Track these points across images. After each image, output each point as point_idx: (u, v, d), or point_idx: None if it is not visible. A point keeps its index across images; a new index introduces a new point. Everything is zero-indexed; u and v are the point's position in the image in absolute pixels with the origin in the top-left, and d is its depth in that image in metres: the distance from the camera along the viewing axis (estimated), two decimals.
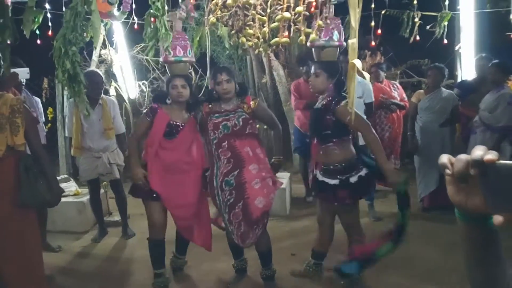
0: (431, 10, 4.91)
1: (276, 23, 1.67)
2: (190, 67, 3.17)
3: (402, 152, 4.87)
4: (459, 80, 5.04)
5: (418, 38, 4.90)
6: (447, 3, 4.70)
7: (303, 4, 1.72)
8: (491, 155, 0.59)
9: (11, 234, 2.38)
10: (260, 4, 1.75)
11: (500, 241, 0.70)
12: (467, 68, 4.83)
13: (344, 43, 2.71)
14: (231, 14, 1.75)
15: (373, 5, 4.55)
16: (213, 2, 1.87)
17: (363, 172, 2.63)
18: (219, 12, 1.78)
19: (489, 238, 0.70)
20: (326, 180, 2.67)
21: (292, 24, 1.72)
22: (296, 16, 1.68)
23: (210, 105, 2.80)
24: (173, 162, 2.84)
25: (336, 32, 2.66)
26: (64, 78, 2.38)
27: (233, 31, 1.75)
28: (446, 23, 4.80)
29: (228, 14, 1.76)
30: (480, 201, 0.62)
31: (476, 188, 0.63)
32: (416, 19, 4.85)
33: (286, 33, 2.00)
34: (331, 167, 2.65)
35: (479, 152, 0.61)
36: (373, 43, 4.99)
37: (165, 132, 2.84)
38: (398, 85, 4.88)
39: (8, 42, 2.36)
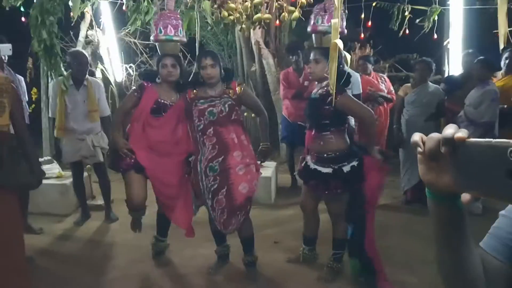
0: (421, 4, 4.92)
1: None
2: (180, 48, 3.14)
3: (387, 145, 4.92)
4: (446, 75, 5.09)
5: (407, 31, 4.92)
6: None
7: None
8: (462, 133, 0.59)
9: None
10: None
11: (468, 221, 0.71)
12: (455, 64, 4.88)
13: (345, 30, 2.71)
14: None
15: None
16: None
17: (355, 162, 2.65)
18: None
19: (458, 217, 0.71)
20: (319, 168, 2.69)
21: (275, 0, 1.70)
22: None
23: (195, 90, 2.77)
24: (159, 141, 2.83)
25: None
26: (40, 48, 2.30)
27: (215, 5, 1.73)
28: (435, 17, 4.82)
29: None
30: (450, 179, 0.63)
31: (446, 166, 0.63)
32: (406, 13, 4.86)
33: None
34: (325, 155, 2.66)
35: (450, 130, 0.61)
36: (362, 35, 4.99)
37: (152, 109, 2.82)
38: (385, 78, 4.91)
39: None
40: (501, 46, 1.88)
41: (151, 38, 2.96)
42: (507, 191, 0.53)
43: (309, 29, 2.75)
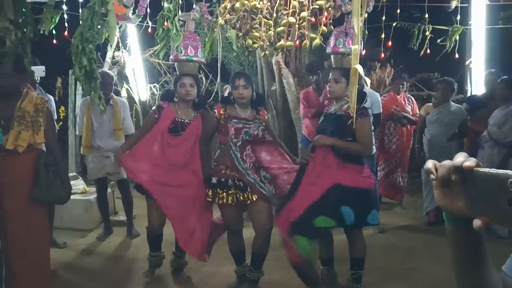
0: (442, 24, 4.92)
1: (281, 27, 1.72)
2: (200, 70, 3.25)
3: (410, 166, 4.86)
4: (468, 94, 5.03)
5: (428, 51, 4.91)
6: (458, 17, 4.72)
7: (308, 10, 1.76)
8: (470, 162, 0.62)
9: (24, 227, 2.43)
10: (267, 9, 1.80)
11: (486, 243, 0.72)
12: (477, 83, 4.82)
13: (363, 52, 2.78)
14: (239, 17, 1.81)
15: (383, 17, 4.57)
16: (222, 5, 1.93)
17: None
18: (228, 15, 1.83)
19: (475, 240, 0.72)
20: None
21: (297, 29, 1.76)
22: (301, 21, 1.73)
23: (225, 107, 2.84)
24: (177, 161, 2.88)
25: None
26: (81, 74, 2.46)
27: (240, 34, 1.81)
28: (457, 37, 4.80)
29: (236, 17, 1.82)
30: (463, 205, 0.66)
31: (458, 192, 0.66)
32: (427, 33, 4.87)
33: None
34: None
35: (460, 158, 0.64)
36: (382, 54, 5.01)
37: (170, 128, 2.89)
38: (413, 99, 4.89)
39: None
40: None
41: (171, 57, 3.06)
42: (509, 217, 0.57)
43: (329, 50, 2.81)
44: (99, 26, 2.45)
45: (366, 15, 2.44)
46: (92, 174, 3.99)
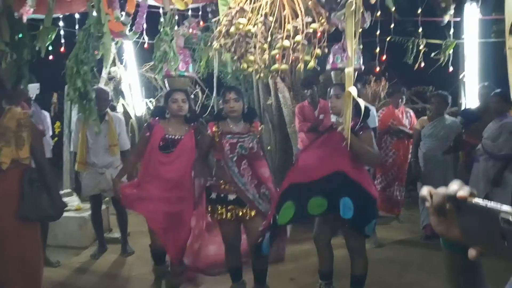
0: (436, 38, 4.97)
1: (276, 51, 1.73)
2: (194, 85, 3.27)
3: (406, 179, 4.85)
4: (463, 108, 5.06)
5: (423, 65, 4.95)
6: (452, 31, 4.77)
7: (302, 33, 1.78)
8: (463, 192, 0.62)
9: (13, 246, 2.38)
10: (261, 33, 1.81)
11: (482, 268, 0.72)
12: (471, 96, 4.85)
13: (362, 67, 2.84)
14: (234, 41, 1.82)
15: (378, 32, 4.62)
16: (217, 29, 1.94)
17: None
18: (223, 39, 1.85)
19: (471, 266, 0.71)
20: None
21: (292, 52, 1.78)
22: (296, 44, 1.74)
23: (217, 124, 2.83)
24: (172, 178, 2.86)
25: (356, 56, 2.76)
26: (75, 96, 2.46)
27: (235, 57, 1.82)
28: (450, 51, 4.85)
29: (231, 41, 1.83)
30: (459, 232, 0.65)
31: (454, 220, 0.65)
32: (421, 47, 4.91)
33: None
34: None
35: (454, 187, 0.64)
36: (377, 68, 5.05)
37: (161, 146, 2.87)
38: (412, 113, 4.91)
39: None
40: None
41: (162, 73, 3.06)
42: (502, 250, 0.56)
43: (328, 67, 2.86)
44: (94, 48, 2.46)
45: (360, 30, 2.47)
46: (87, 191, 3.96)
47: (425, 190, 0.69)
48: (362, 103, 2.43)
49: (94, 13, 2.65)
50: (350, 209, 2.47)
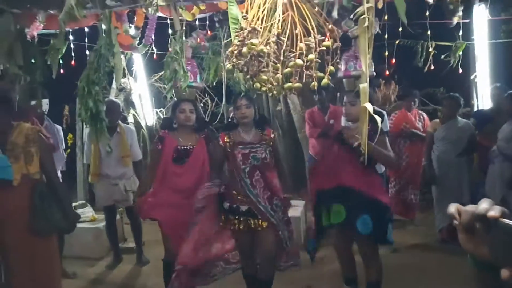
0: (445, 40, 4.93)
1: (289, 69, 1.73)
2: (203, 93, 3.30)
3: (420, 183, 4.81)
4: (475, 109, 5.01)
5: (432, 67, 4.92)
6: (461, 33, 4.73)
7: (315, 51, 1.78)
8: (494, 212, 0.61)
9: (26, 261, 2.40)
10: (274, 52, 1.81)
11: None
12: (483, 98, 4.80)
13: (374, 73, 2.82)
14: (246, 61, 1.83)
15: (386, 36, 4.60)
16: (229, 50, 1.95)
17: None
18: (235, 59, 1.86)
19: (500, 285, 0.70)
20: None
21: (305, 70, 1.78)
22: (309, 63, 1.74)
23: (229, 134, 2.80)
24: (187, 188, 2.86)
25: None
26: (86, 116, 2.49)
27: (248, 76, 1.83)
28: (460, 52, 4.81)
29: (243, 61, 1.84)
30: (487, 251, 0.64)
31: (483, 239, 0.64)
32: (431, 49, 4.88)
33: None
34: None
35: (484, 205, 0.62)
36: (387, 72, 5.03)
37: (174, 158, 2.88)
38: (425, 116, 4.88)
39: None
40: None
41: (171, 92, 3.09)
42: None
43: (340, 74, 2.86)
44: (105, 69, 2.50)
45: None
46: (101, 202, 3.99)
47: (453, 208, 0.68)
48: (377, 114, 2.44)
49: (104, 29, 2.69)
50: (368, 226, 2.57)
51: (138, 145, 4.32)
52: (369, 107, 1.90)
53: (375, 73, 2.89)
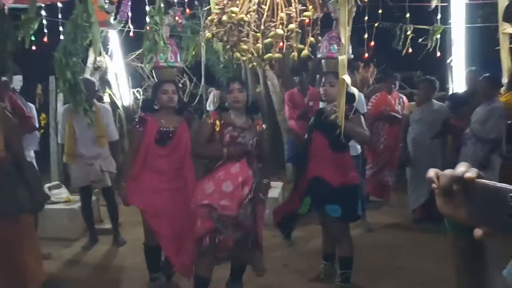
0: (423, 24, 4.97)
1: (269, 39, 1.70)
2: (184, 73, 3.23)
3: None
4: (450, 92, 5.11)
5: (410, 50, 4.97)
6: (439, 17, 4.78)
7: (295, 21, 1.75)
8: (471, 173, 0.63)
9: None
10: (254, 21, 1.78)
11: (487, 250, 0.72)
12: (458, 81, 4.89)
13: (352, 56, 2.87)
14: (226, 30, 1.78)
15: (366, 18, 4.60)
16: (209, 18, 1.90)
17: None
18: (215, 28, 1.81)
19: (476, 247, 0.72)
20: None
21: (285, 40, 1.75)
22: (289, 32, 1.72)
23: (220, 114, 2.71)
24: (170, 170, 2.83)
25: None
26: (65, 87, 2.41)
27: (228, 46, 1.79)
28: (438, 36, 4.87)
29: (223, 30, 1.79)
30: (465, 214, 0.66)
31: (460, 202, 0.66)
32: (409, 32, 4.92)
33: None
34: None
35: (461, 169, 0.65)
36: (366, 54, 5.04)
37: (156, 139, 2.83)
38: (404, 99, 4.94)
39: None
40: (504, 80, 1.85)
41: (152, 64, 2.98)
42: (510, 229, 0.58)
43: (320, 55, 2.84)
44: (82, 39, 2.41)
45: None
46: (76, 183, 3.91)
47: (432, 172, 0.70)
48: (355, 91, 2.45)
49: (79, 2, 2.58)
50: (336, 210, 2.70)
51: (115, 125, 4.23)
52: (347, 78, 1.91)
53: (352, 56, 2.86)
